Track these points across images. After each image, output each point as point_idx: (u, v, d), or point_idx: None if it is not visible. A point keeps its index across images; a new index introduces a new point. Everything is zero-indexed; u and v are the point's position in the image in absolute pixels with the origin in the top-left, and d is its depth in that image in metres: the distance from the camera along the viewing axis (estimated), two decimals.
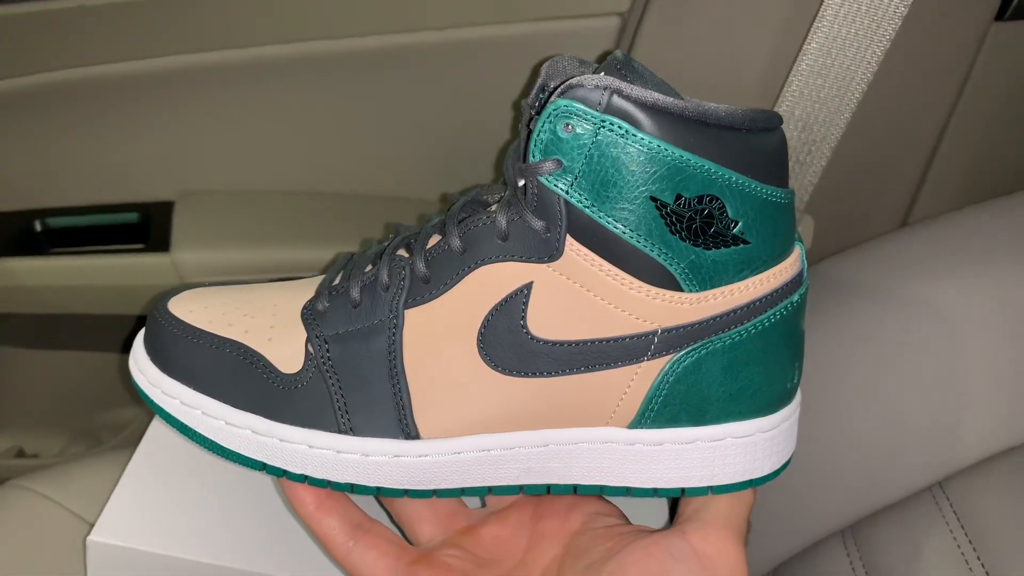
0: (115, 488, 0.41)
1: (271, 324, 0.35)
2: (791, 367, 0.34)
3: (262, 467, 0.35)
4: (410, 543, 0.37)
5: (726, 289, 0.31)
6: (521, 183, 0.31)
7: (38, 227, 0.69)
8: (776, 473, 0.35)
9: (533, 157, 0.31)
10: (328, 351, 0.34)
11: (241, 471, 0.42)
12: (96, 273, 0.66)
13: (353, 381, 0.34)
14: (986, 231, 0.52)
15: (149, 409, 0.37)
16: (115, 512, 0.41)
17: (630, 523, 0.36)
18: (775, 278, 0.32)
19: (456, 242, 0.33)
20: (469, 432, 0.34)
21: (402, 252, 0.35)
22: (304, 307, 0.35)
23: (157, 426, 0.45)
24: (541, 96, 0.33)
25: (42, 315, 0.71)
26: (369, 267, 0.36)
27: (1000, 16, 0.55)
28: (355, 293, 0.34)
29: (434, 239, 0.34)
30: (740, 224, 0.31)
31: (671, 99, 0.29)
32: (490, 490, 0.35)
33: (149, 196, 0.68)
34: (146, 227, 0.67)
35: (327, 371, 0.34)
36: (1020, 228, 0.51)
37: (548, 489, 0.35)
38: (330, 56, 0.60)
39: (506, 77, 0.59)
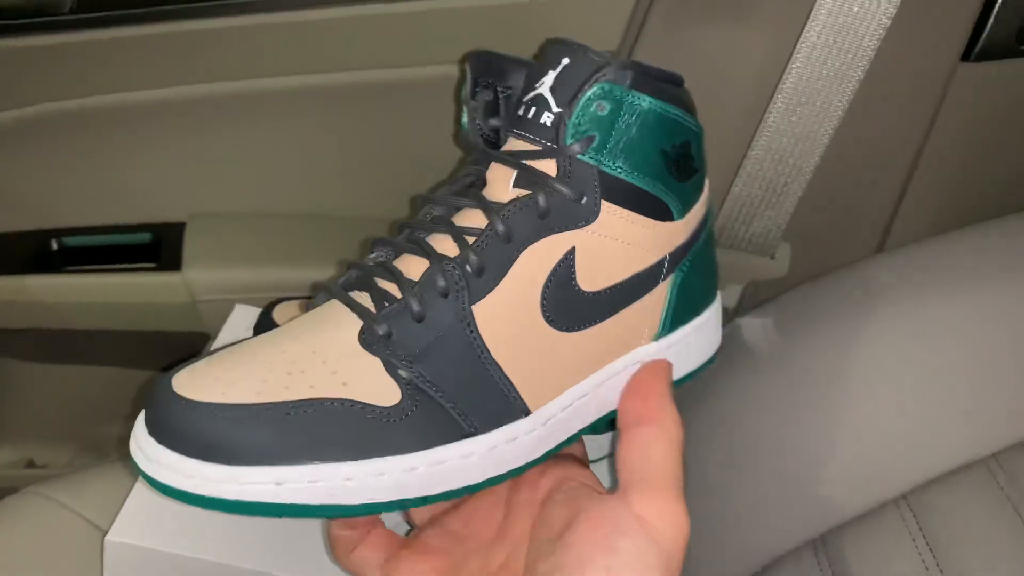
0: (132, 489, 0.44)
1: (332, 370, 0.33)
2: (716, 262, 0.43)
3: (400, 506, 0.33)
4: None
5: (692, 210, 0.39)
6: (553, 164, 0.35)
7: (54, 245, 0.71)
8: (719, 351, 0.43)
9: (569, 140, 0.35)
10: (421, 371, 0.33)
11: None
12: (109, 290, 0.69)
13: (457, 388, 0.34)
14: (956, 258, 0.55)
15: None
16: (132, 512, 0.43)
17: (594, 482, 0.37)
18: (706, 194, 0.40)
19: (501, 228, 0.35)
20: (559, 393, 0.37)
21: (445, 249, 0.35)
22: (362, 338, 0.34)
23: None
24: (477, 91, 0.38)
25: (54, 330, 0.73)
26: (398, 278, 0.35)
27: (966, 57, 0.58)
28: (416, 307, 0.34)
29: (470, 237, 0.35)
30: (696, 157, 0.38)
31: (657, 68, 0.36)
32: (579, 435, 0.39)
33: (161, 217, 0.70)
34: (157, 247, 0.70)
35: (430, 388, 0.34)
36: (987, 255, 0.55)
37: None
38: (331, 88, 0.63)
39: None
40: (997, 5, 0.56)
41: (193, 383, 0.32)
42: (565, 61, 0.35)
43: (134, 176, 0.69)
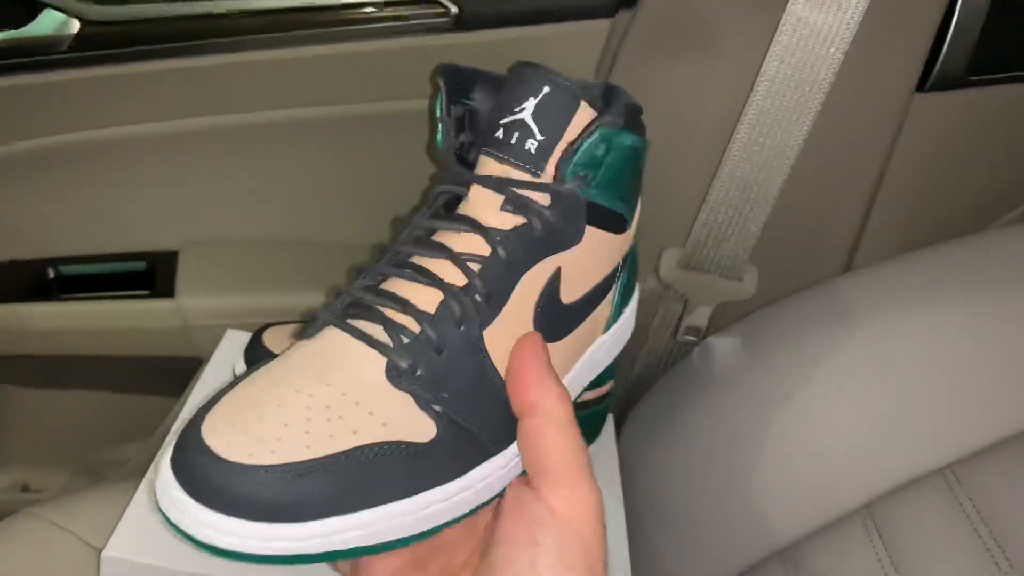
0: (128, 505, 0.45)
1: (369, 411, 0.33)
2: None
3: (432, 532, 0.34)
4: None
5: (636, 214, 0.43)
6: (546, 195, 0.37)
7: (51, 274, 0.73)
8: None
9: (569, 177, 0.37)
10: (449, 401, 0.34)
11: None
12: (105, 316, 0.71)
13: (479, 412, 0.35)
14: (914, 278, 0.57)
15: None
16: (128, 528, 0.44)
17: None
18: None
19: (504, 255, 0.36)
20: None
21: (450, 277, 0.36)
22: (389, 375, 0.34)
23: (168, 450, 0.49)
24: (451, 107, 0.40)
25: (49, 356, 0.75)
26: (410, 308, 0.35)
27: (920, 88, 0.61)
28: (435, 338, 0.34)
29: (475, 265, 0.36)
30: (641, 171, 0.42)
31: (634, 101, 0.40)
32: None
33: (155, 246, 0.72)
34: (152, 275, 0.72)
35: (460, 418, 0.34)
36: (943, 276, 0.57)
37: None
38: (318, 121, 0.66)
39: None
40: (948, 39, 0.59)
41: (233, 442, 0.31)
42: (546, 89, 0.37)
43: (129, 206, 0.71)
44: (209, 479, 0.30)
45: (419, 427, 0.33)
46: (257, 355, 0.53)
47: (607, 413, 0.58)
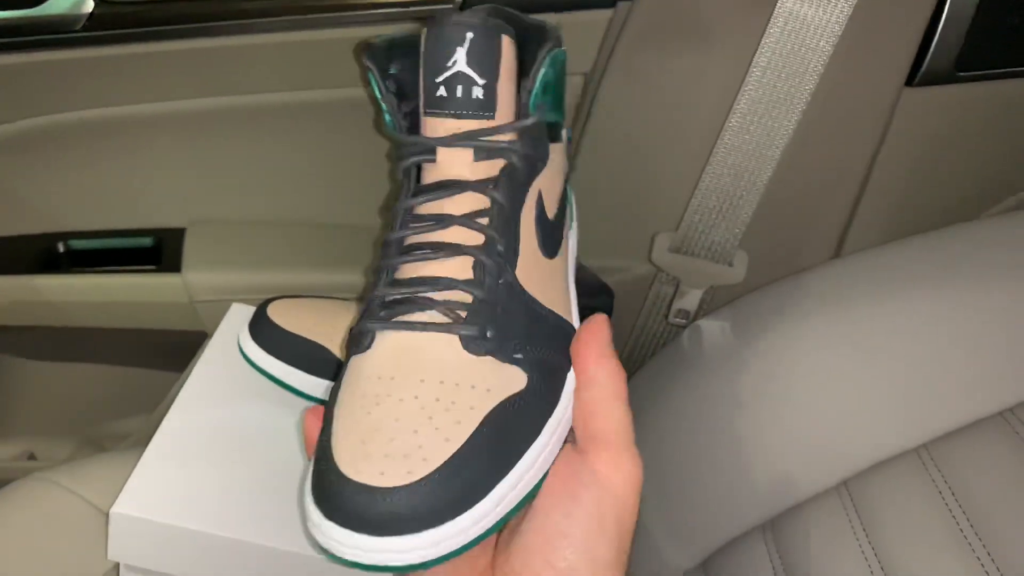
0: (137, 464, 0.47)
1: (471, 385, 0.34)
2: None
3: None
4: None
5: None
6: (513, 134, 0.38)
7: (61, 248, 0.75)
8: None
9: (533, 110, 0.38)
10: (523, 344, 0.36)
11: (257, 453, 0.48)
12: (112, 290, 0.72)
13: (546, 343, 0.37)
14: (903, 264, 0.59)
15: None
16: (137, 486, 0.46)
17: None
18: None
19: (503, 200, 0.37)
20: (573, 307, 0.41)
21: (469, 240, 0.37)
22: (467, 347, 0.35)
23: (175, 412, 0.50)
24: (386, 83, 0.41)
25: (57, 328, 0.77)
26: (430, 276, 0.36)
27: (909, 82, 0.63)
28: (486, 297, 0.36)
29: (483, 220, 0.37)
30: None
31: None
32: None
33: (162, 223, 0.74)
34: (159, 251, 0.74)
35: (536, 353, 0.37)
36: (931, 262, 0.59)
37: None
38: (326, 103, 0.67)
39: None
40: (937, 35, 0.61)
41: (385, 470, 0.31)
42: (469, 35, 0.37)
43: (138, 184, 0.73)
44: (381, 512, 0.30)
45: (513, 380, 0.35)
46: (261, 328, 0.54)
47: None
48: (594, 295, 0.54)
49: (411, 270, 0.37)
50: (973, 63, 0.62)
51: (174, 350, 0.76)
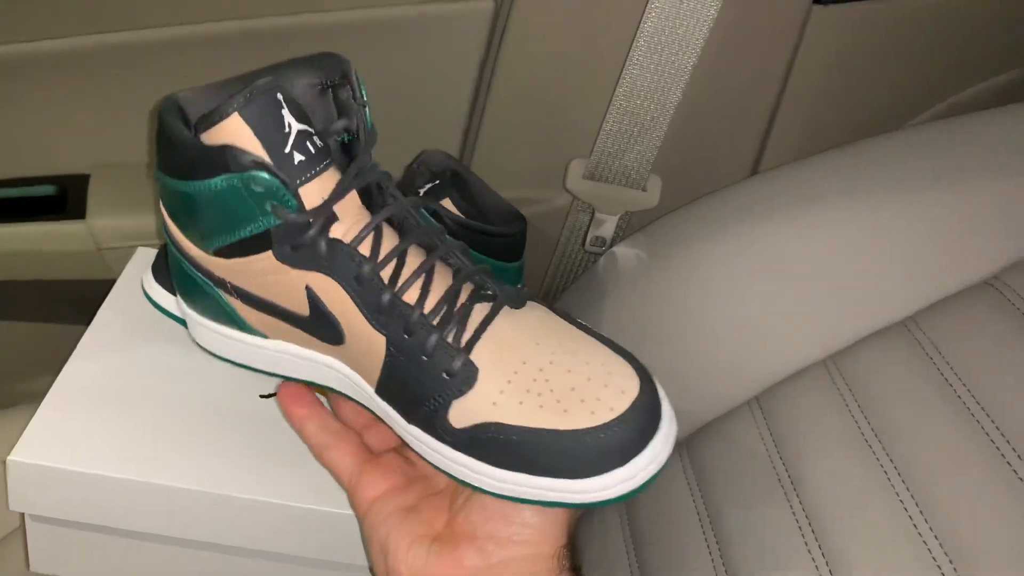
0: (36, 412, 0.45)
1: (569, 329, 0.39)
2: None
3: None
4: None
5: None
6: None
7: None
8: None
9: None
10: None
11: (163, 394, 0.47)
12: (15, 240, 0.69)
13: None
14: (813, 180, 0.59)
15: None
16: (35, 434, 0.45)
17: None
18: None
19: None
20: None
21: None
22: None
23: (76, 358, 0.49)
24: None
25: None
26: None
27: (818, 0, 0.62)
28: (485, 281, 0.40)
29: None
30: None
31: None
32: None
33: (65, 169, 0.71)
34: (63, 199, 0.70)
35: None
36: (840, 176, 0.59)
37: None
38: (230, 35, 0.64)
39: (392, 57, 0.65)
40: None
41: (569, 410, 0.34)
42: (275, 96, 0.38)
43: (37, 129, 0.70)
44: (575, 453, 0.33)
45: None
46: (165, 269, 0.53)
47: None
48: (508, 222, 0.54)
49: (424, 283, 0.40)
50: None
51: (85, 302, 0.73)
